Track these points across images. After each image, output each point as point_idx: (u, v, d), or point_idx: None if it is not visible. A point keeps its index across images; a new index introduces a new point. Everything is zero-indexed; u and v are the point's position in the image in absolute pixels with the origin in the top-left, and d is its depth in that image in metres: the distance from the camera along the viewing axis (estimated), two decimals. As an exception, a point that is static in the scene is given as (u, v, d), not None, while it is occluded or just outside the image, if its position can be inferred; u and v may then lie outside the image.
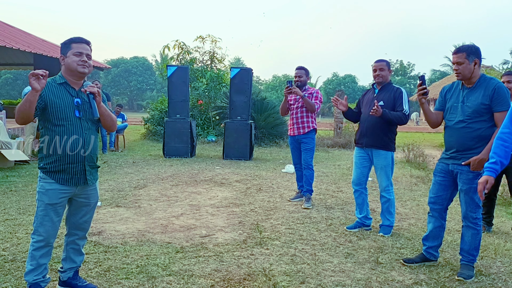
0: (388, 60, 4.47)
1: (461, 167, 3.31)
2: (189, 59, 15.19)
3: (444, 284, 3.22)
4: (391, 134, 4.39)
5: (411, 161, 10.25)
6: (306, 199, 5.69)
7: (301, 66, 5.80)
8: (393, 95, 4.34)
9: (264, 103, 14.62)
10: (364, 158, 4.52)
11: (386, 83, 4.45)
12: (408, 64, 60.04)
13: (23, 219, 4.63)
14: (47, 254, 2.77)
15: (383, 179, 4.42)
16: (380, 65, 4.42)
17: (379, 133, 4.34)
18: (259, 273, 3.34)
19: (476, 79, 3.30)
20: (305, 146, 5.74)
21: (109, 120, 2.87)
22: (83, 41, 2.76)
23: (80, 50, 2.71)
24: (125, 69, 56.32)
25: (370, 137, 4.39)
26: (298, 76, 5.73)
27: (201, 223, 4.73)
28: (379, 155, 4.39)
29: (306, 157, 5.75)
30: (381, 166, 4.40)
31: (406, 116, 4.26)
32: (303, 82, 5.72)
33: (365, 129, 4.44)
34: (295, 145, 5.87)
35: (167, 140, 10.24)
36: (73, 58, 2.70)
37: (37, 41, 14.88)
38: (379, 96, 4.40)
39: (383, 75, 4.41)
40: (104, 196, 5.84)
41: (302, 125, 5.70)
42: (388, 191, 4.43)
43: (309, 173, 5.75)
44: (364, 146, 4.46)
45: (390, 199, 4.43)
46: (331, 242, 4.18)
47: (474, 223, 3.37)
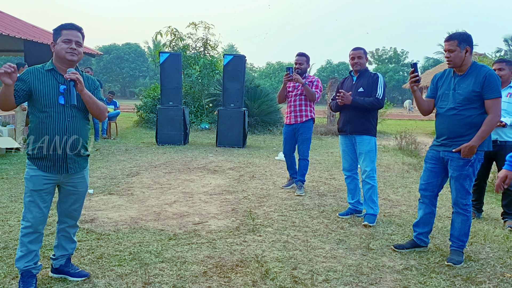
0: (363, 48, 4.50)
1: (452, 154, 3.34)
2: (182, 45, 15.04)
3: (434, 270, 3.27)
4: (373, 120, 4.43)
5: (403, 148, 10.32)
6: (298, 186, 5.67)
7: (302, 53, 5.62)
8: (371, 81, 4.38)
9: (257, 90, 14.57)
10: (350, 145, 4.54)
11: (363, 70, 4.48)
12: (401, 52, 60.05)
13: (14, 206, 4.61)
14: (37, 241, 2.76)
15: (367, 164, 4.40)
16: (357, 53, 4.43)
17: (361, 119, 4.38)
18: (252, 259, 3.36)
19: (468, 67, 3.31)
20: (302, 136, 5.62)
21: (94, 109, 2.78)
22: (74, 27, 2.71)
23: (70, 37, 2.67)
24: (117, 56, 55.75)
25: (353, 124, 4.42)
26: (298, 63, 5.54)
27: (194, 210, 4.74)
28: (362, 141, 4.41)
29: (302, 148, 5.64)
30: (365, 151, 4.40)
31: (379, 100, 4.31)
32: (304, 69, 5.55)
33: (348, 117, 4.47)
34: (290, 134, 5.73)
35: (160, 127, 10.20)
36: (62, 45, 2.66)
37: (27, 27, 14.64)
38: (358, 83, 4.45)
39: (361, 63, 4.44)
40: (97, 184, 5.82)
41: (300, 114, 5.58)
42: (371, 178, 4.41)
43: (304, 164, 5.67)
44: (348, 133, 4.48)
45: (373, 185, 4.40)
46: (323, 228, 4.21)
47: (464, 209, 3.41)
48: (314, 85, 5.56)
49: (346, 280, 3.04)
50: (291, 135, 5.73)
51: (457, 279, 3.11)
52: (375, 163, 4.46)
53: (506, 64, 4.44)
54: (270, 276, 3.06)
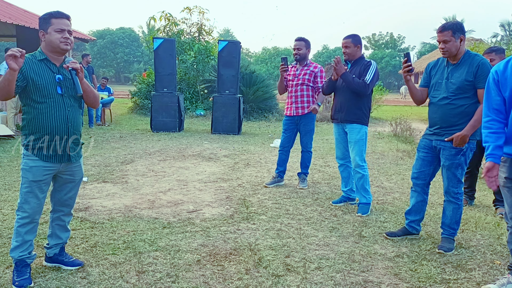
0: (356, 35, 4.38)
1: (444, 143, 3.36)
2: (176, 31, 14.89)
3: (425, 257, 3.31)
4: (365, 108, 4.36)
5: (398, 135, 10.35)
6: (301, 179, 5.42)
7: (301, 37, 5.20)
8: (363, 68, 4.29)
9: (253, 76, 14.50)
10: (342, 133, 4.51)
11: (358, 58, 4.39)
12: (398, 37, 59.79)
13: (8, 195, 4.60)
14: (32, 231, 2.77)
15: (356, 153, 4.35)
16: (345, 42, 4.37)
17: (352, 108, 4.31)
18: (245, 247, 3.39)
19: (461, 56, 3.30)
20: (304, 128, 5.25)
21: (91, 97, 2.85)
22: (63, 16, 2.68)
23: (62, 26, 2.64)
24: (111, 41, 55.10)
25: (344, 112, 4.37)
26: (297, 48, 5.14)
27: (188, 198, 4.75)
28: (352, 129, 4.36)
29: (305, 140, 5.30)
30: (355, 140, 4.34)
31: (366, 85, 4.20)
32: (303, 55, 5.13)
33: (339, 105, 4.43)
34: (290, 126, 5.31)
35: (155, 114, 10.16)
36: (55, 35, 2.63)
37: (19, 12, 14.40)
38: (351, 71, 4.36)
39: (349, 53, 4.36)
40: (91, 172, 5.82)
41: (302, 105, 5.17)
42: (362, 167, 4.36)
43: (307, 156, 5.39)
44: (339, 121, 4.45)
45: (364, 175, 4.36)
46: (316, 216, 4.24)
47: (455, 198, 3.44)
48: (318, 76, 5.17)
49: (338, 268, 3.07)
50: (292, 128, 5.33)
51: (448, 266, 3.15)
52: (364, 152, 4.41)
53: (495, 53, 4.44)
54: (263, 264, 3.09)
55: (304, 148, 5.38)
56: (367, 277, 2.96)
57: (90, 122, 10.53)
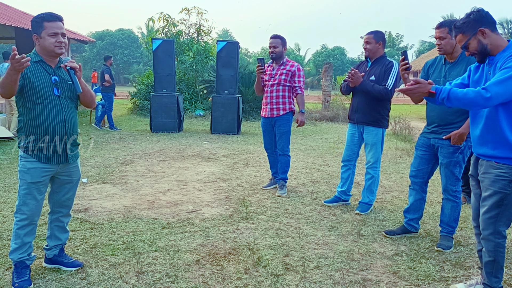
0: (378, 32, 4.20)
1: (442, 141, 3.36)
2: (175, 32, 14.89)
3: (424, 255, 3.32)
4: (383, 110, 4.20)
5: (397, 133, 10.36)
6: (280, 185, 5.07)
7: (276, 35, 4.92)
8: (384, 70, 4.11)
9: (252, 76, 14.48)
10: (356, 135, 4.38)
11: (379, 57, 4.21)
12: (396, 35, 59.76)
13: (8, 197, 4.61)
14: (31, 233, 2.78)
15: (372, 155, 4.26)
16: (367, 38, 4.19)
17: (369, 110, 4.17)
18: (244, 247, 3.40)
19: (458, 54, 3.31)
20: (279, 130, 4.97)
21: (89, 96, 2.87)
22: (55, 18, 2.66)
23: (55, 30, 2.63)
24: (111, 42, 55.08)
25: (361, 113, 4.24)
26: (272, 46, 4.86)
27: (188, 198, 4.76)
28: (369, 132, 4.25)
29: (281, 143, 5.00)
30: (371, 142, 4.25)
31: (388, 91, 4.04)
32: (279, 53, 4.87)
33: (356, 105, 4.30)
34: (267, 127, 5.09)
35: (154, 115, 10.17)
36: (49, 39, 2.63)
37: (18, 14, 14.42)
38: (371, 70, 4.19)
39: (369, 49, 4.17)
40: (91, 173, 5.83)
41: (277, 106, 4.93)
42: (374, 168, 4.30)
43: (285, 159, 5.05)
44: (356, 123, 4.33)
45: (374, 176, 4.31)
46: (315, 215, 4.25)
47: (453, 195, 3.45)
48: (296, 75, 4.89)
49: (337, 267, 3.08)
50: (269, 129, 5.09)
51: (446, 264, 3.16)
52: (380, 154, 4.30)
53: None
54: (262, 264, 3.10)
55: (280, 151, 5.06)
56: (366, 275, 2.97)
57: (111, 125, 10.56)
